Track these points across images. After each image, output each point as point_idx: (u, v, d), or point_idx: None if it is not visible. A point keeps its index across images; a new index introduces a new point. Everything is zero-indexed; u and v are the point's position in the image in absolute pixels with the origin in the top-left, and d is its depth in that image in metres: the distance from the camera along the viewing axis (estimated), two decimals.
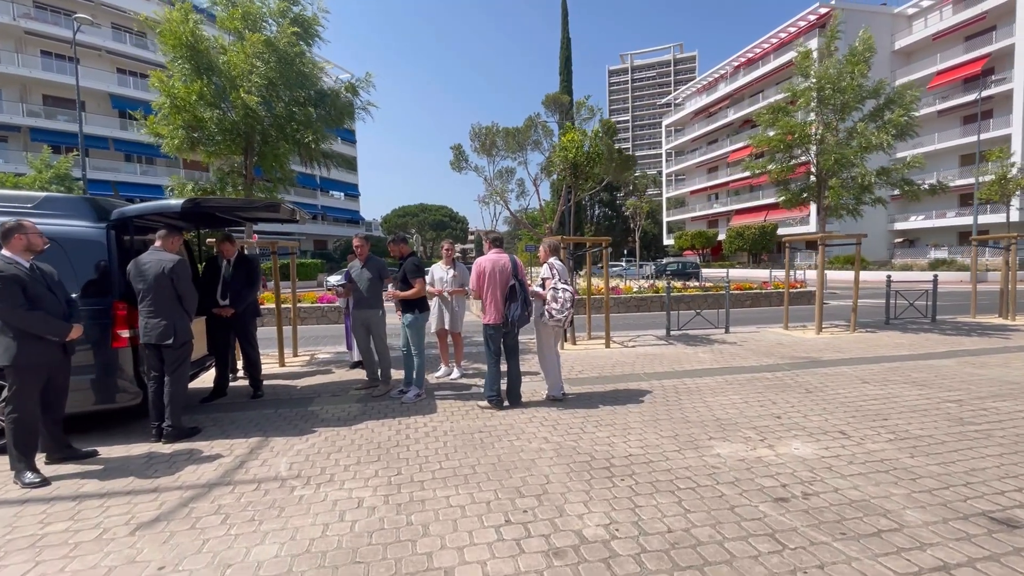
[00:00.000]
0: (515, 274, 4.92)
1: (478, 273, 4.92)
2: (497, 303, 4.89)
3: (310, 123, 6.88)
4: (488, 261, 4.93)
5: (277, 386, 6.18)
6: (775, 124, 9.59)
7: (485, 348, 5.05)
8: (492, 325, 4.93)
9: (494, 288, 4.87)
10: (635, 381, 6.19)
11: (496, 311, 4.89)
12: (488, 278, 4.88)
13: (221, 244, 5.42)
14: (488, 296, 4.90)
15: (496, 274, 4.88)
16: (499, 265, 4.91)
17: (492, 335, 4.97)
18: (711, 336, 9.48)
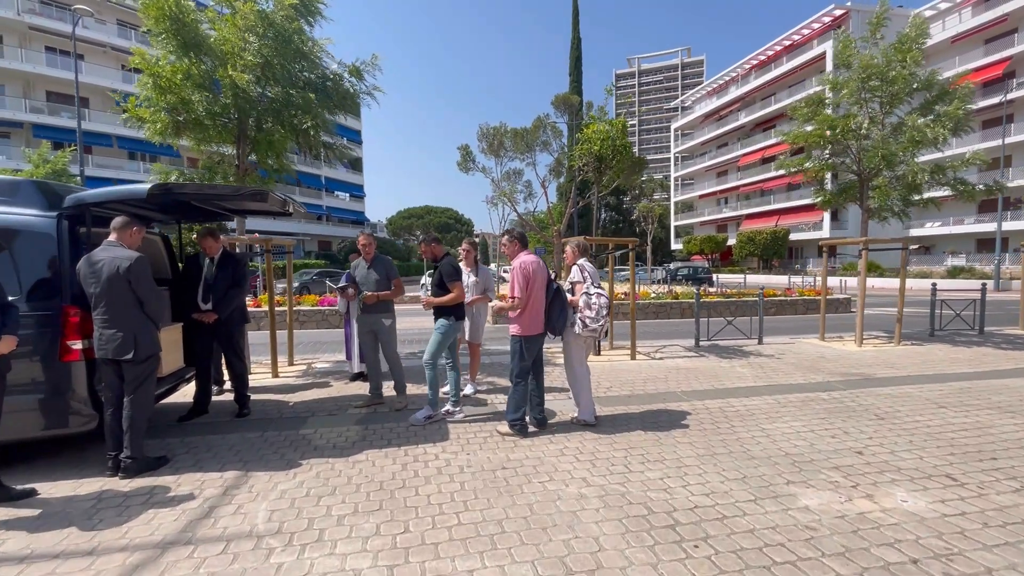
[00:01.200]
0: (551, 277, 4.23)
1: (526, 277, 4.14)
2: (539, 311, 4.18)
3: (309, 107, 6.17)
4: (533, 263, 4.20)
5: (267, 402, 5.45)
6: (814, 118, 8.81)
7: (513, 364, 4.27)
8: (531, 336, 4.19)
9: (539, 293, 4.19)
10: (673, 401, 5.43)
11: (539, 320, 4.19)
12: (537, 282, 4.17)
13: (203, 240, 4.70)
14: (534, 303, 4.18)
15: (540, 278, 4.19)
16: (542, 267, 4.23)
17: (529, 348, 4.22)
18: (744, 347, 8.70)
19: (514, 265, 4.19)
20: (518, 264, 4.18)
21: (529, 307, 4.15)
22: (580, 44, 36.05)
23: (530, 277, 4.13)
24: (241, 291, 4.85)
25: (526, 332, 4.19)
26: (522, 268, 4.16)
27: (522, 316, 4.18)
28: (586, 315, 4.24)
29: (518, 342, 4.22)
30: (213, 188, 3.78)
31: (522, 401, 4.25)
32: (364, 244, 5.17)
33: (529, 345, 4.21)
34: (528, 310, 4.16)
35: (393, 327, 5.17)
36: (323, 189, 50.50)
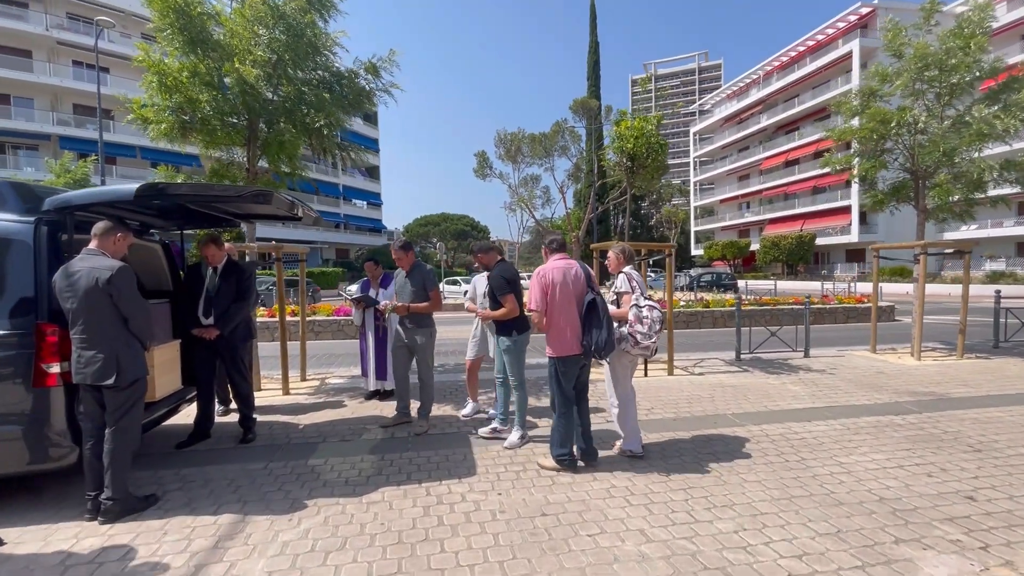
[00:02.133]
0: (590, 285, 3.65)
1: (543, 287, 3.60)
2: (574, 326, 3.59)
3: (322, 105, 5.75)
4: (555, 270, 3.63)
5: (275, 425, 4.98)
6: (864, 112, 8.11)
7: (551, 389, 3.74)
8: (566, 358, 3.61)
9: (567, 306, 3.59)
10: (726, 425, 4.81)
11: (572, 338, 3.59)
12: (558, 293, 3.58)
13: (204, 247, 4.27)
14: (559, 318, 3.60)
15: (568, 287, 3.61)
16: (571, 275, 3.64)
17: (565, 372, 3.64)
18: (790, 361, 8.00)
19: (536, 272, 3.69)
20: (536, 271, 3.67)
21: (553, 322, 3.59)
22: (598, 48, 35.60)
23: (548, 286, 3.58)
24: (246, 304, 4.40)
25: (557, 352, 3.61)
26: (539, 276, 3.64)
27: (549, 333, 3.64)
28: (637, 330, 3.68)
29: (552, 364, 3.67)
30: (210, 189, 3.33)
31: (568, 434, 3.68)
32: (397, 259, 4.72)
33: (565, 368, 3.62)
34: (552, 326, 3.60)
35: (430, 344, 4.69)
36: (341, 197, 50.75)
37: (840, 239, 41.15)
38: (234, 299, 4.35)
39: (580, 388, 3.80)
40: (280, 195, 3.63)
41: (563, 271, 3.61)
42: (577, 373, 3.70)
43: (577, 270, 3.66)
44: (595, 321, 3.49)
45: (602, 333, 3.48)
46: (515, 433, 4.44)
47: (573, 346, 3.58)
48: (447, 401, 5.75)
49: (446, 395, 6.02)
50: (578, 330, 3.58)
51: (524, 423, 4.50)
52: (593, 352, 3.51)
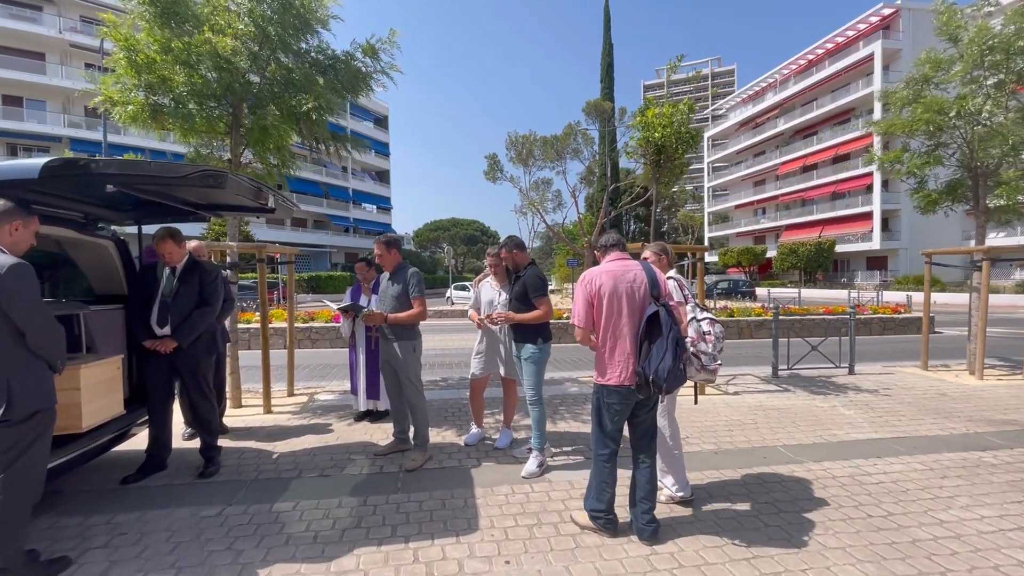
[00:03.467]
0: (655, 295, 2.78)
1: (587, 296, 2.78)
2: (625, 348, 2.73)
3: (311, 85, 5.07)
4: (604, 275, 2.78)
5: (246, 452, 4.27)
6: (919, 101, 7.27)
7: (592, 426, 2.92)
8: (611, 389, 2.75)
9: (619, 321, 2.73)
10: (779, 461, 4.01)
11: (622, 363, 2.72)
12: (605, 304, 2.75)
13: (160, 243, 3.58)
14: (609, 336, 2.76)
15: (620, 297, 2.75)
16: (627, 281, 2.76)
17: (614, 406, 2.76)
18: (834, 379, 7.15)
19: (580, 278, 2.89)
20: (582, 276, 2.87)
21: (607, 341, 2.77)
22: (612, 50, 34.87)
23: (592, 295, 2.77)
24: (210, 311, 3.70)
25: (603, 379, 2.78)
26: (583, 282, 2.82)
27: (601, 355, 2.83)
28: (701, 350, 2.90)
29: (595, 394, 2.87)
30: (144, 167, 2.63)
31: (606, 485, 2.83)
32: (378, 255, 4.00)
33: (610, 400, 2.76)
34: (607, 346, 2.77)
35: (414, 360, 3.94)
36: (350, 201, 50.47)
37: (861, 246, 39.86)
38: (195, 304, 3.66)
39: (641, 434, 2.88)
40: (239, 179, 2.93)
41: (615, 276, 2.76)
42: (628, 412, 2.81)
43: (637, 274, 2.79)
44: (657, 341, 2.61)
45: (665, 359, 2.56)
46: (533, 460, 3.79)
47: (623, 374, 2.69)
48: (448, 424, 5.01)
49: (447, 416, 5.28)
50: (631, 353, 2.70)
51: (543, 446, 3.87)
52: (652, 384, 2.58)
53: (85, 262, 3.87)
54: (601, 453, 2.82)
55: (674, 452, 3.22)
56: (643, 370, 2.60)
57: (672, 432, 3.24)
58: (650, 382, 2.58)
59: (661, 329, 2.61)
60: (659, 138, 5.87)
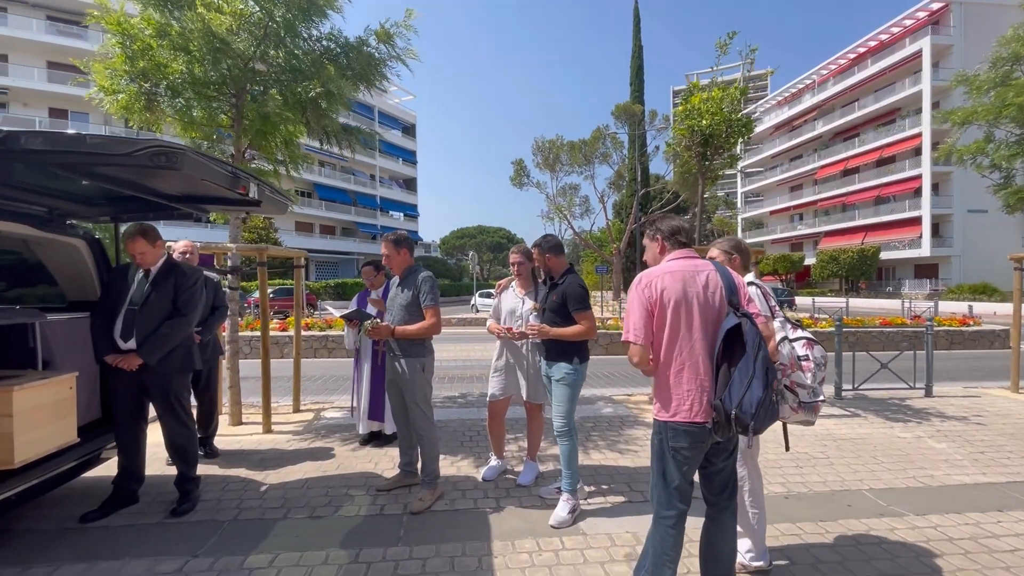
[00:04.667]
0: (733, 302, 2.06)
1: (647, 304, 2.06)
2: (700, 372, 2.01)
3: (318, 70, 4.57)
4: (668, 276, 2.07)
5: (232, 481, 3.72)
6: (1008, 83, 6.32)
7: (652, 476, 2.15)
8: (680, 428, 2.03)
9: (688, 335, 2.03)
10: (871, 513, 3.22)
11: (694, 392, 2.01)
12: (669, 314, 2.03)
13: (131, 242, 3.08)
14: (675, 356, 2.04)
15: (691, 305, 2.03)
16: (698, 285, 2.05)
17: (683, 451, 2.03)
18: (908, 401, 6.21)
19: (634, 281, 2.17)
20: (637, 279, 2.13)
21: (673, 362, 2.05)
22: (641, 52, 34.09)
23: (653, 303, 2.03)
24: (183, 322, 3.16)
25: (667, 414, 2.05)
26: (641, 287, 2.07)
27: (657, 380, 2.13)
28: (797, 381, 2.21)
29: (657, 435, 2.12)
30: (77, 143, 2.08)
31: (667, 561, 2.07)
32: (386, 255, 3.43)
33: (678, 444, 2.02)
34: (672, 369, 2.05)
35: (422, 381, 3.32)
36: (378, 209, 50.86)
37: (908, 253, 37.62)
38: (169, 314, 3.14)
39: (719, 487, 2.16)
40: (203, 159, 2.38)
41: (683, 278, 2.05)
42: (700, 458, 2.09)
43: (711, 277, 2.07)
44: (740, 364, 1.90)
45: (753, 388, 1.86)
46: (563, 505, 3.12)
47: (694, 407, 2.00)
48: (464, 451, 4.38)
49: (464, 442, 4.65)
50: (705, 379, 2.00)
51: (575, 487, 3.18)
52: (735, 422, 1.87)
53: (54, 264, 3.42)
54: (665, 516, 2.08)
55: (752, 511, 2.50)
56: (722, 403, 1.90)
57: (753, 485, 2.53)
58: (732, 419, 1.86)
59: (746, 347, 1.90)
60: (706, 126, 5.15)
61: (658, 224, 2.23)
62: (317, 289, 29.87)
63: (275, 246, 5.14)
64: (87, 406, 3.37)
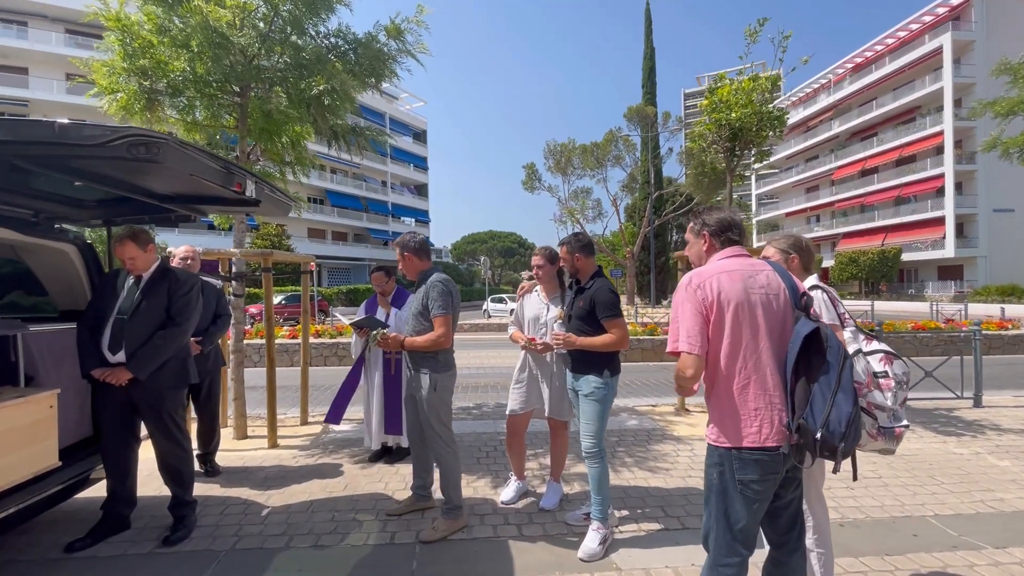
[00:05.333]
0: (800, 306, 1.73)
1: (701, 309, 1.72)
2: (770, 387, 1.67)
3: (322, 66, 4.34)
4: (727, 277, 1.74)
5: (232, 503, 3.46)
6: None
7: (709, 514, 1.78)
8: (748, 455, 1.66)
9: (753, 343, 1.69)
10: (943, 546, 2.84)
11: (767, 410, 1.66)
12: (734, 319, 1.69)
13: (120, 246, 2.83)
14: (740, 368, 1.69)
15: (757, 310, 1.70)
16: (759, 286, 1.73)
17: (753, 484, 1.67)
18: (956, 412, 5.78)
19: (681, 280, 1.82)
20: (685, 280, 1.79)
21: (722, 380, 1.73)
22: (654, 54, 33.70)
23: (708, 307, 1.71)
24: (177, 332, 2.90)
25: (730, 440, 1.71)
26: (691, 288, 1.74)
27: (710, 400, 1.80)
28: (875, 403, 1.88)
29: (715, 467, 1.75)
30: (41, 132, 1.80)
31: None
32: (400, 262, 3.16)
33: (746, 476, 1.67)
34: (720, 387, 1.73)
35: (436, 400, 3.00)
36: (389, 215, 50.98)
37: (931, 254, 36.61)
38: (161, 323, 2.88)
39: (786, 524, 1.81)
40: (190, 151, 2.11)
41: (743, 278, 1.73)
42: (773, 491, 1.73)
43: (771, 278, 1.75)
44: (822, 377, 1.58)
45: (839, 403, 1.54)
46: (594, 535, 2.80)
47: (764, 429, 1.64)
48: (481, 469, 4.07)
49: (481, 458, 4.34)
50: (776, 395, 1.66)
51: (606, 515, 2.85)
52: (821, 445, 1.53)
53: (42, 271, 3.20)
54: (725, 564, 1.72)
55: (818, 550, 2.16)
56: (806, 422, 1.56)
57: (818, 520, 2.20)
58: (817, 442, 1.53)
59: (825, 355, 1.59)
60: (736, 119, 4.81)
61: (704, 217, 1.91)
62: (329, 295, 29.82)
63: (280, 251, 4.89)
64: (77, 424, 3.13)
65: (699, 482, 3.76)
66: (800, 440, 1.59)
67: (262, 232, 29.21)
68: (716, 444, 1.75)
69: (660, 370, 9.56)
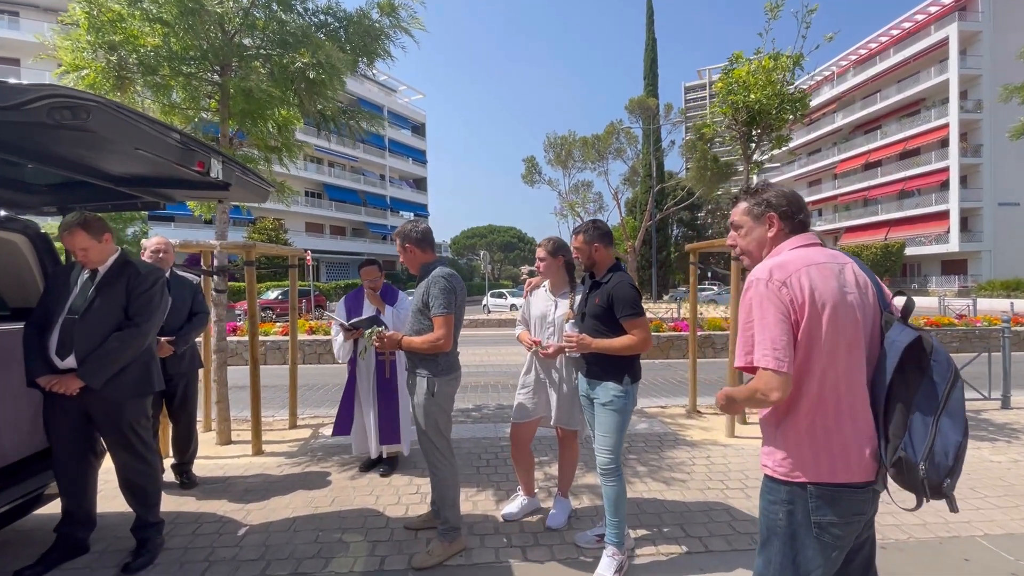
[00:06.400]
0: (884, 305, 1.41)
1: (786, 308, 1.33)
2: (861, 411, 1.32)
3: (307, 40, 3.97)
4: (817, 271, 1.36)
5: (206, 520, 3.13)
6: None
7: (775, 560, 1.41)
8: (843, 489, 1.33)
9: (848, 356, 1.33)
10: (997, 571, 2.52)
11: (856, 438, 1.32)
12: (830, 326, 1.32)
13: (68, 236, 2.48)
14: (829, 386, 1.33)
15: (854, 313, 1.34)
16: (849, 284, 1.38)
17: (833, 528, 1.33)
18: (984, 414, 5.46)
19: (752, 275, 1.45)
20: (761, 272, 1.41)
21: (806, 398, 1.36)
22: (655, 46, 33.21)
23: (799, 310, 1.33)
24: (136, 334, 2.55)
25: (804, 473, 1.36)
26: (775, 284, 1.36)
27: (786, 423, 1.41)
28: None
29: (785, 503, 1.40)
30: None
31: None
32: (400, 252, 2.80)
33: (826, 518, 1.34)
34: (802, 406, 1.37)
35: (432, 406, 2.64)
36: (388, 209, 50.52)
37: (935, 248, 36.27)
38: (117, 325, 2.54)
39: (860, 565, 1.50)
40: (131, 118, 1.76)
41: (835, 272, 1.38)
42: (856, 534, 1.40)
43: (856, 273, 1.43)
44: (920, 396, 1.27)
45: (946, 430, 1.24)
46: (608, 562, 2.49)
47: (853, 461, 1.33)
48: (480, 480, 3.75)
49: (481, 467, 4.02)
50: (868, 420, 1.34)
51: (622, 538, 2.54)
52: (924, 480, 1.23)
53: None
54: None
55: None
56: (907, 453, 1.25)
57: None
58: (924, 479, 1.22)
59: (925, 370, 1.28)
60: (755, 101, 4.45)
61: (767, 195, 1.53)
62: (327, 290, 29.45)
63: (265, 243, 4.55)
64: (29, 435, 2.80)
65: (719, 495, 3.44)
66: (897, 476, 1.26)
67: (258, 226, 28.79)
68: (787, 479, 1.39)
69: (666, 368, 9.24)
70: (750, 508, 3.22)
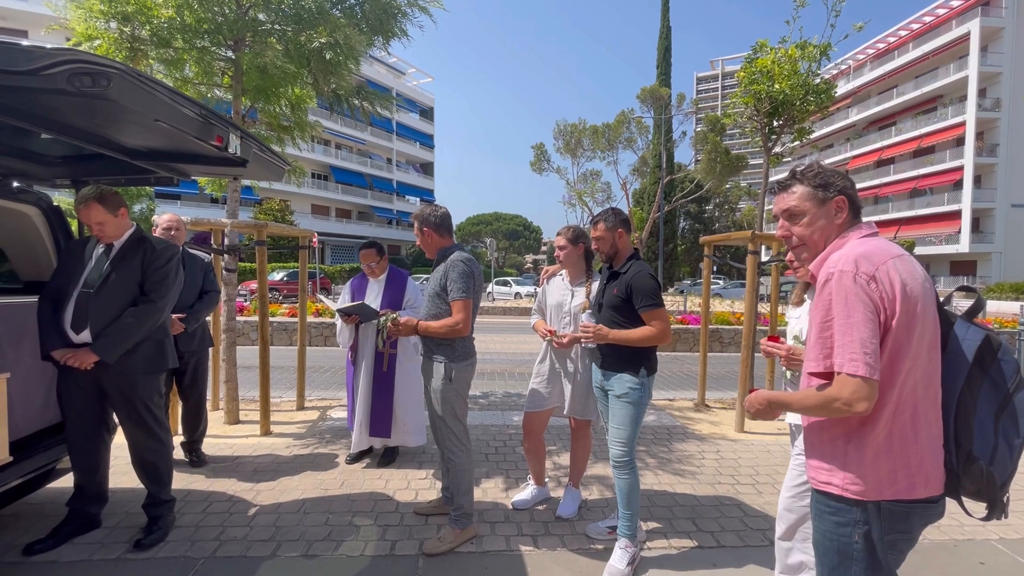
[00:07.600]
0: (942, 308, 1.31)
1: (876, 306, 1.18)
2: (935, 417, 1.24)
3: (323, 18, 3.88)
4: (901, 263, 1.23)
5: (216, 500, 3.13)
6: None
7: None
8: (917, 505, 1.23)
9: (928, 358, 1.23)
10: None
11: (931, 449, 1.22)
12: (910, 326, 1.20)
13: (83, 210, 2.45)
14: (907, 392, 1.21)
15: (931, 311, 1.24)
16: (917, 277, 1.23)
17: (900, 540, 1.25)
18: None
19: (831, 267, 1.26)
20: (837, 265, 1.24)
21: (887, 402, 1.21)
22: (669, 34, 32.67)
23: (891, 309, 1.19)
24: (152, 309, 2.52)
25: (877, 491, 1.22)
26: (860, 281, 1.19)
27: (860, 434, 1.27)
28: None
29: (855, 524, 1.25)
30: None
31: None
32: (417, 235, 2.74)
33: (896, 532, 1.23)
34: (878, 412, 1.21)
35: (449, 392, 2.62)
36: (394, 193, 50.32)
37: (945, 249, 35.92)
38: (133, 300, 2.51)
39: None
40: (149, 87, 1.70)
41: (911, 268, 1.25)
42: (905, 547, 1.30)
43: (920, 268, 1.31)
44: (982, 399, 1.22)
45: (1012, 433, 1.21)
46: (620, 554, 2.45)
47: (931, 473, 1.23)
48: (490, 467, 3.73)
49: (490, 454, 4.00)
50: (940, 426, 1.26)
51: (635, 531, 2.51)
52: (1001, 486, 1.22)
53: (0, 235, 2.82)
54: None
55: None
56: (981, 459, 1.21)
57: None
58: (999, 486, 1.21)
59: (989, 370, 1.23)
60: (779, 91, 4.34)
61: (832, 177, 1.36)
62: (332, 273, 29.48)
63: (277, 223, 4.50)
64: (42, 409, 2.79)
65: (730, 490, 3.42)
66: (970, 484, 1.21)
67: (265, 207, 28.74)
68: (859, 497, 1.24)
69: (673, 360, 9.20)
70: (761, 504, 3.20)
